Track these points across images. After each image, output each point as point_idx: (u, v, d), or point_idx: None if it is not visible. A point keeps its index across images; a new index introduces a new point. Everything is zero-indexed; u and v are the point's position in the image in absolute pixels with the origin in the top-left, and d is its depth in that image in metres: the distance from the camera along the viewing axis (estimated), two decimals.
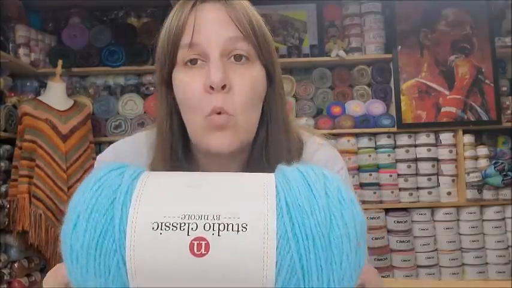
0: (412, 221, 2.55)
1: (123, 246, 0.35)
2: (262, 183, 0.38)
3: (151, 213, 0.35)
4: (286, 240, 0.34)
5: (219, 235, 0.34)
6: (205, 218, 0.34)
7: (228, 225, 0.34)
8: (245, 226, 0.34)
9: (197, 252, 0.33)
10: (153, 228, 0.34)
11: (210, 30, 0.57)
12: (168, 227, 0.34)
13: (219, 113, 0.56)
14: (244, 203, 0.36)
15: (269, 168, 0.59)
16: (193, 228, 0.34)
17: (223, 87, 0.55)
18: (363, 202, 2.50)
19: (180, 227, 0.34)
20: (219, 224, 0.34)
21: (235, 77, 0.57)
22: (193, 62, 0.58)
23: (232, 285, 0.34)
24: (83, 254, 0.36)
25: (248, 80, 0.58)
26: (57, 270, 0.44)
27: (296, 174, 0.38)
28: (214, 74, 0.55)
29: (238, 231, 0.34)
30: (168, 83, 0.61)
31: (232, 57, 0.58)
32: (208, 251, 0.34)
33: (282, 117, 0.64)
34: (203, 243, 0.34)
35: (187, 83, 0.58)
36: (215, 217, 0.35)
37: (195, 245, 0.34)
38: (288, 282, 0.34)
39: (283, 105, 0.66)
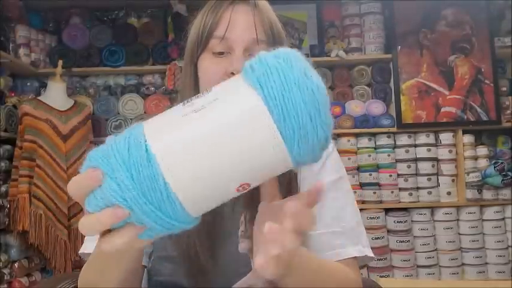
0: (411, 220, 2.55)
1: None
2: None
3: None
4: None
5: None
6: None
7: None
8: None
9: None
10: None
11: (240, 28, 0.70)
12: None
13: None
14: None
15: None
16: None
17: None
18: (363, 202, 2.50)
19: None
20: None
21: None
22: (220, 53, 0.71)
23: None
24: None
25: None
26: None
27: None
28: (238, 62, 0.68)
29: None
30: (196, 64, 0.74)
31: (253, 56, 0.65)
32: None
33: None
34: None
35: (211, 68, 0.71)
36: None
37: None
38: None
39: None
